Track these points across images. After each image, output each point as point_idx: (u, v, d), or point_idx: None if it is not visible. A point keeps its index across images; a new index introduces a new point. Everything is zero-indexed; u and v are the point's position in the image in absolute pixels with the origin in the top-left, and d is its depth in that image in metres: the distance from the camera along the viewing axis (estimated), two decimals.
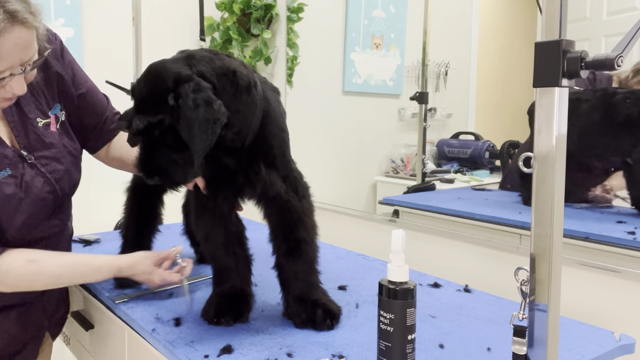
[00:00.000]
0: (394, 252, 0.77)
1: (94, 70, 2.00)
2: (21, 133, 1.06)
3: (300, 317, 1.02)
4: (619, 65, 0.63)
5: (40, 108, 1.11)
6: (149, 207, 1.34)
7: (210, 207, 1.05)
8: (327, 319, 1.01)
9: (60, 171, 1.11)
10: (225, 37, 2.25)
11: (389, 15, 2.00)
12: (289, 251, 1.04)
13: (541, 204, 0.68)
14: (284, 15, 2.20)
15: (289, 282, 1.05)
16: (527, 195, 1.45)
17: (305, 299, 1.03)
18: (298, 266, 1.04)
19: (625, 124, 1.23)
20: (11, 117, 1.06)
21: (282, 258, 1.05)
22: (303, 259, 1.04)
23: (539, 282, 0.69)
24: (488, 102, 1.72)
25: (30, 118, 1.08)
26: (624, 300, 1.13)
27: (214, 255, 1.08)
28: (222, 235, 1.06)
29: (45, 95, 1.12)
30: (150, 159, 0.90)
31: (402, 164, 1.92)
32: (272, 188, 1.01)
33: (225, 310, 1.02)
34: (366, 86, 2.03)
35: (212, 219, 1.06)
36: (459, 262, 1.45)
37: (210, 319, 1.02)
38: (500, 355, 0.90)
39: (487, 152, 1.71)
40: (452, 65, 1.79)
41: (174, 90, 0.85)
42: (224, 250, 1.07)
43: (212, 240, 1.07)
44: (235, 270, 1.07)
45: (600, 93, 1.28)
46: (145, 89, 0.88)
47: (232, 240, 1.07)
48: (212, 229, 1.07)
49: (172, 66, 0.88)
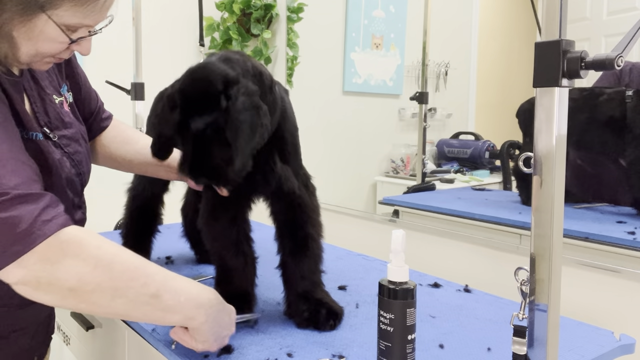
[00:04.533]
0: (394, 252, 0.77)
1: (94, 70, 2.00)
2: (41, 109, 0.95)
3: (302, 315, 1.01)
4: (619, 65, 0.63)
5: (54, 85, 1.02)
6: (149, 208, 1.34)
7: (225, 206, 1.04)
8: (330, 319, 1.01)
9: (81, 154, 1.01)
10: (225, 37, 2.25)
11: (389, 15, 2.00)
12: (296, 248, 1.04)
13: (541, 204, 0.68)
14: (284, 15, 2.20)
15: (293, 280, 1.04)
16: (525, 195, 1.45)
17: (309, 298, 1.03)
18: (304, 263, 1.04)
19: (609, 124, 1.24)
20: (30, 92, 0.94)
21: (289, 255, 1.05)
22: (309, 256, 1.04)
23: (539, 282, 0.69)
24: (488, 102, 1.72)
25: (47, 93, 0.98)
26: (624, 300, 1.13)
27: (223, 254, 1.06)
28: (235, 235, 1.05)
29: (56, 73, 1.04)
30: (197, 160, 0.90)
31: (402, 164, 1.92)
32: (286, 184, 1.02)
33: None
34: (366, 86, 2.03)
35: (226, 218, 1.05)
36: (459, 262, 1.45)
37: None
38: (500, 355, 0.90)
39: (487, 152, 1.71)
40: (452, 65, 1.78)
41: (224, 92, 0.86)
42: (234, 249, 1.05)
43: (222, 239, 1.05)
44: (243, 271, 1.05)
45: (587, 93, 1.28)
46: (196, 91, 0.88)
47: (242, 240, 1.06)
48: (225, 228, 1.05)
49: (218, 68, 0.89)
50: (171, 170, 1.15)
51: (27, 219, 0.70)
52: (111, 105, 1.24)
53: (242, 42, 2.25)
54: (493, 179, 1.71)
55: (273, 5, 2.21)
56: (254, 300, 1.07)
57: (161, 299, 0.78)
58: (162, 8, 2.22)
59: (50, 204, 0.74)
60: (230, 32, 2.23)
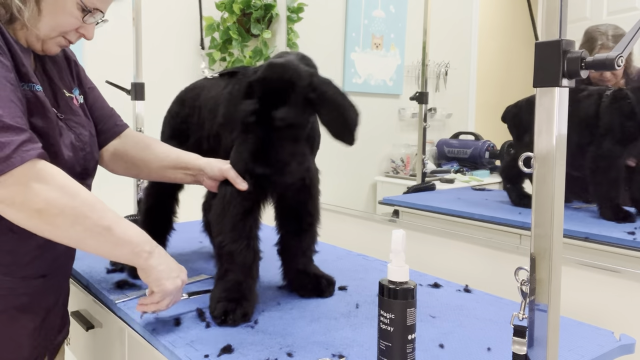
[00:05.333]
0: (394, 252, 0.77)
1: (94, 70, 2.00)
2: (50, 96, 1.01)
3: (306, 288, 1.16)
4: (619, 65, 0.63)
5: (66, 84, 1.08)
6: (164, 205, 1.36)
7: (239, 201, 1.06)
8: (330, 287, 1.17)
9: (86, 137, 1.05)
10: (225, 37, 2.25)
11: (389, 15, 2.00)
12: (299, 229, 1.15)
13: (541, 204, 0.68)
14: (284, 15, 2.20)
15: (293, 258, 1.16)
16: (514, 196, 1.46)
17: (308, 272, 1.16)
18: (305, 244, 1.16)
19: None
20: (42, 82, 1.01)
21: (290, 237, 1.16)
22: (309, 236, 1.16)
23: (539, 282, 0.69)
24: (488, 102, 1.72)
25: (58, 87, 1.05)
26: (624, 300, 1.13)
27: (232, 248, 1.04)
28: (247, 230, 1.06)
29: (66, 74, 1.11)
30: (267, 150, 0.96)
31: (402, 164, 1.92)
32: (308, 174, 1.12)
33: (233, 309, 1.01)
34: (366, 86, 2.03)
35: (239, 212, 1.05)
36: (459, 262, 1.45)
37: (217, 316, 1.01)
38: (500, 355, 0.90)
39: (487, 152, 1.71)
40: (452, 65, 1.78)
41: (310, 84, 0.97)
42: (244, 244, 1.05)
43: (233, 233, 1.05)
44: (250, 267, 1.06)
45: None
46: (282, 83, 0.96)
47: (253, 237, 1.07)
48: (237, 222, 1.05)
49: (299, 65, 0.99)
50: (189, 173, 1.18)
51: (11, 146, 0.80)
52: (111, 105, 1.24)
53: (242, 42, 2.25)
54: (493, 179, 1.71)
55: (273, 5, 2.21)
56: (255, 299, 1.07)
57: (113, 232, 0.89)
58: (162, 8, 2.22)
59: (31, 139, 0.84)
60: (230, 32, 2.23)
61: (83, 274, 1.29)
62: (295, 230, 1.15)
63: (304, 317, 1.05)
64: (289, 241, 1.16)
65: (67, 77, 1.11)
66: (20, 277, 0.96)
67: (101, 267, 1.34)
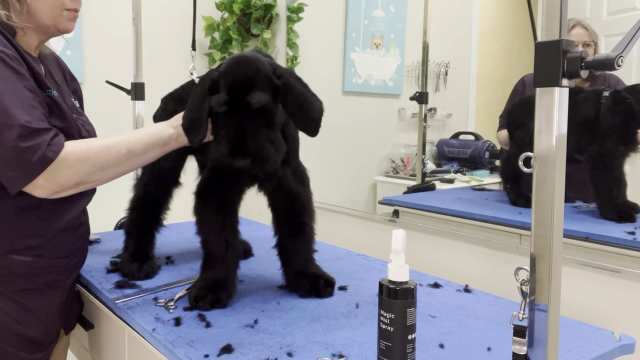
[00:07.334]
0: (394, 252, 0.77)
1: (94, 70, 2.00)
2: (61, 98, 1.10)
3: (304, 288, 1.15)
4: (619, 65, 0.63)
5: (66, 88, 1.18)
6: (154, 204, 1.35)
7: (214, 192, 1.11)
8: (328, 288, 1.16)
9: (92, 133, 1.16)
10: (225, 37, 2.25)
11: (389, 15, 2.00)
12: (293, 232, 1.17)
13: (541, 204, 0.68)
14: (284, 15, 2.20)
15: (290, 259, 1.17)
16: (513, 196, 1.46)
17: (307, 273, 1.17)
18: (300, 245, 1.17)
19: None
20: (52, 85, 1.09)
21: (286, 238, 1.17)
22: (304, 239, 1.17)
23: (539, 282, 0.69)
24: (488, 102, 1.72)
25: (63, 89, 1.15)
26: (624, 300, 1.13)
27: (207, 239, 1.12)
28: (221, 222, 1.11)
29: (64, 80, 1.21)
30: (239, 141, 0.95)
31: (402, 164, 1.92)
32: (285, 182, 1.13)
33: (204, 295, 1.07)
34: (366, 86, 2.03)
35: (214, 204, 1.11)
36: (459, 262, 1.45)
37: (190, 302, 1.08)
38: (500, 355, 0.90)
39: (487, 152, 1.71)
40: (452, 65, 1.79)
41: (274, 71, 0.99)
42: (217, 235, 1.11)
43: (209, 224, 1.12)
44: (223, 258, 1.11)
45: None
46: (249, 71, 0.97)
47: (227, 228, 1.12)
48: (211, 214, 1.11)
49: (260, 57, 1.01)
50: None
51: (44, 145, 0.93)
52: (111, 105, 1.25)
53: (242, 42, 2.25)
54: (493, 179, 1.71)
55: (273, 5, 2.21)
56: (231, 287, 1.12)
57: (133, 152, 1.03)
58: (162, 8, 2.22)
59: (56, 134, 0.97)
60: (230, 32, 2.23)
61: (83, 273, 1.29)
62: (289, 232, 1.17)
63: (304, 317, 1.05)
64: (285, 243, 1.18)
65: (65, 83, 1.20)
66: (48, 257, 1.08)
67: (101, 267, 1.34)
